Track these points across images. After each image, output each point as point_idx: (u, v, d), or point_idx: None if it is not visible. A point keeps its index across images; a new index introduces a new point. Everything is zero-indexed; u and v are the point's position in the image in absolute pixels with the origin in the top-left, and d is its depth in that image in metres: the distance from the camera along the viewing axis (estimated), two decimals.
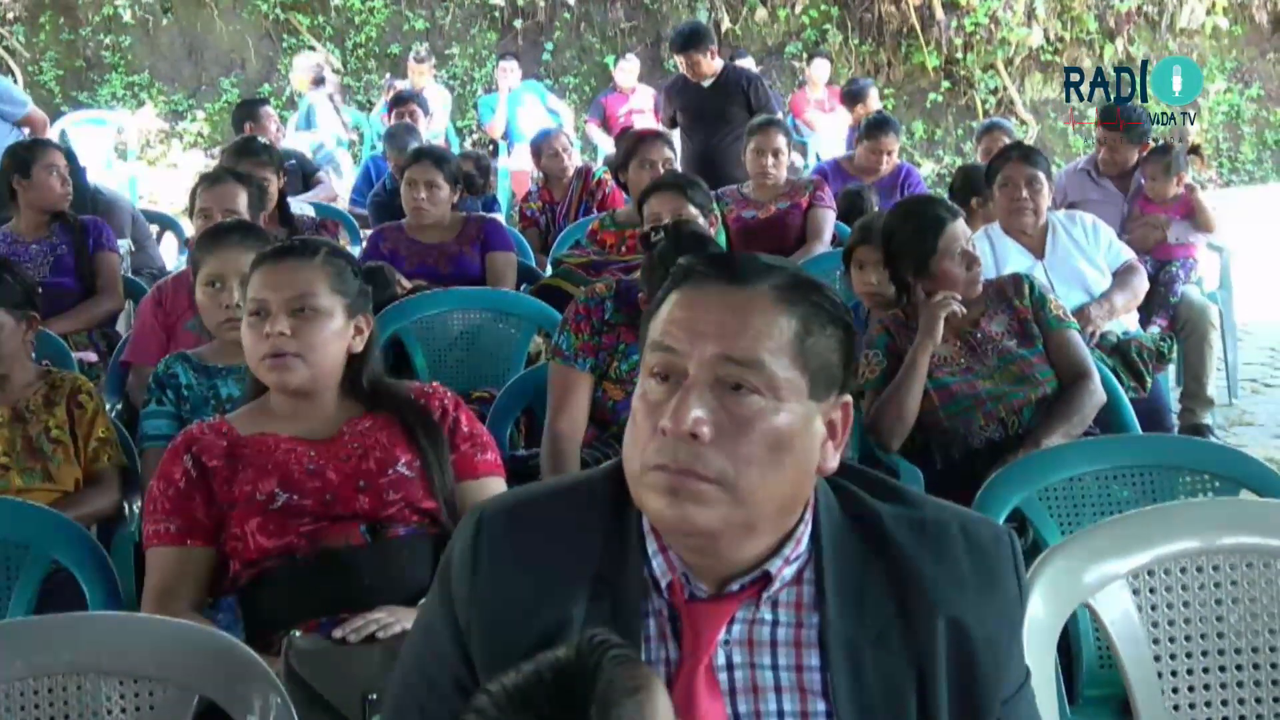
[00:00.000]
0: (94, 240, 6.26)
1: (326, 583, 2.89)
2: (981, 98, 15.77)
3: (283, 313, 3.03)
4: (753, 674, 1.74)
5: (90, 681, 2.18)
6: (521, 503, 1.89)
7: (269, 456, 2.99)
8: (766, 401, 1.67)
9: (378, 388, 3.19)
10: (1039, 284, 4.50)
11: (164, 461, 3.05)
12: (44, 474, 3.92)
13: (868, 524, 1.80)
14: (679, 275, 1.77)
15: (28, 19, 16.81)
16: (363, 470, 3.01)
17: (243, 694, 2.16)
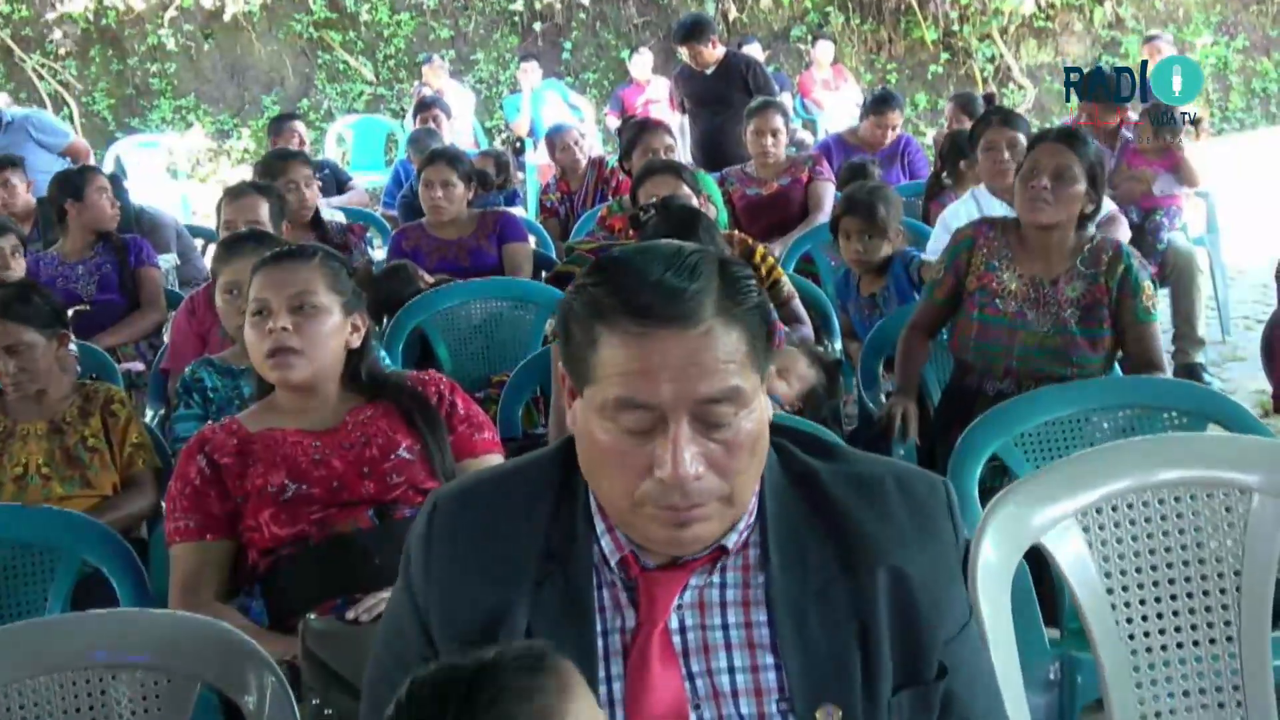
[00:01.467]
0: (135, 257, 6.29)
1: (339, 565, 2.89)
2: (980, 66, 15.66)
3: (284, 310, 3.03)
4: (704, 634, 1.73)
5: (97, 675, 2.18)
6: (472, 487, 1.88)
7: (277, 450, 2.99)
8: (741, 416, 1.64)
9: (376, 378, 3.18)
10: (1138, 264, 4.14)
11: (180, 462, 3.07)
12: (83, 481, 3.94)
13: (808, 482, 1.79)
14: (600, 309, 1.64)
15: (79, 53, 16.87)
16: (366, 457, 3.00)
17: (239, 677, 2.15)
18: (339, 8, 16.42)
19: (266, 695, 2.14)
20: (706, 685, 1.72)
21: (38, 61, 16.73)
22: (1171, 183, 6.92)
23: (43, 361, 4.02)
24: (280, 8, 16.47)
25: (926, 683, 1.74)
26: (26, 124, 8.78)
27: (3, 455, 3.95)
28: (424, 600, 1.78)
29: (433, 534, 1.80)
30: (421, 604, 1.78)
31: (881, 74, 15.69)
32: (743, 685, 1.72)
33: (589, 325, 1.65)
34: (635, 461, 1.64)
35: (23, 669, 2.15)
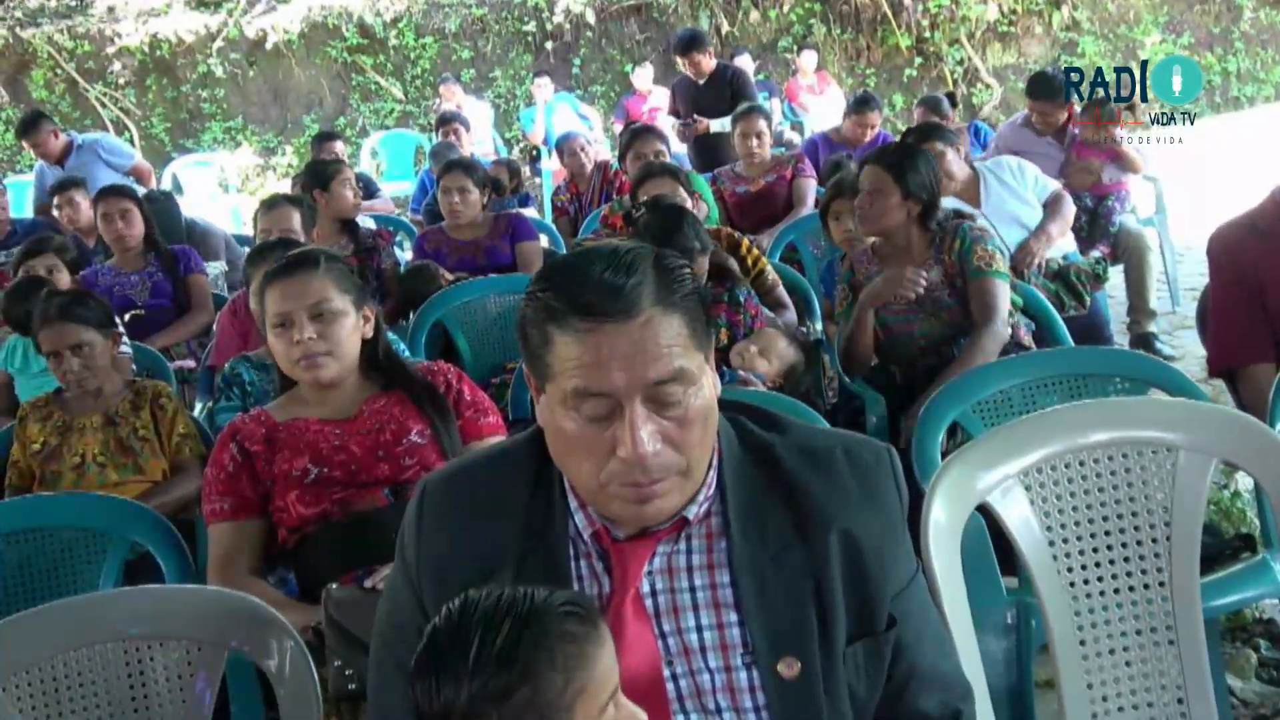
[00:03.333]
0: (184, 265, 6.29)
1: (359, 540, 2.87)
2: (950, 69, 15.59)
3: (305, 320, 3.01)
4: (673, 597, 1.73)
5: (136, 647, 2.17)
6: (457, 471, 1.89)
7: (301, 438, 2.99)
8: (688, 393, 1.63)
9: (392, 363, 3.18)
10: (972, 233, 4.31)
11: (215, 450, 3.06)
12: (135, 468, 3.95)
13: (762, 454, 1.78)
14: (549, 311, 1.64)
15: (137, 82, 16.90)
16: (381, 441, 3.00)
17: (263, 644, 2.15)
18: (370, 34, 16.40)
19: (287, 659, 2.14)
20: (678, 643, 1.72)
21: (100, 91, 16.75)
22: (1118, 171, 6.90)
23: (100, 359, 4.04)
24: (317, 35, 16.45)
25: (878, 633, 1.74)
26: (96, 147, 8.82)
27: (63, 447, 3.97)
28: (417, 576, 1.78)
29: (423, 515, 1.80)
30: (415, 579, 1.78)
31: (861, 78, 15.63)
32: (710, 641, 1.72)
33: (542, 327, 1.65)
34: (598, 446, 1.64)
35: (67, 642, 2.15)
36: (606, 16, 16.13)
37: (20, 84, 16.98)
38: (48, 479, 3.93)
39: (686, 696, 1.71)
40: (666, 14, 15.90)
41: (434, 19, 16.44)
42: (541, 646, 1.53)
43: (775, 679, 1.69)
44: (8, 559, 3.28)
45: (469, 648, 1.52)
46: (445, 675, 1.53)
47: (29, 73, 16.92)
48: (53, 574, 3.28)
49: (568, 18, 16.09)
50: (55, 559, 3.29)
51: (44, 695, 2.14)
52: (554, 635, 1.53)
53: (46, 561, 3.29)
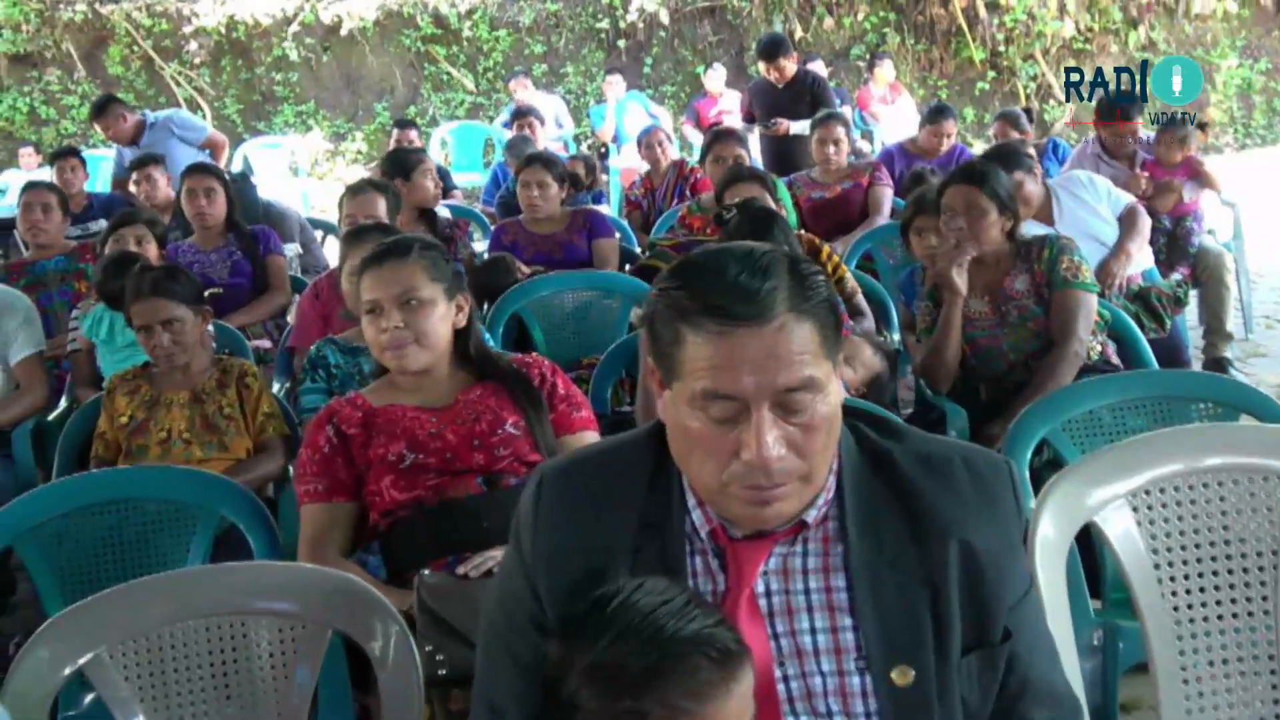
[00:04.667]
0: (263, 246, 6.32)
1: (451, 527, 2.91)
2: (1023, 84, 15.50)
3: (393, 308, 3.04)
4: (788, 598, 1.74)
5: (241, 621, 2.20)
6: (575, 462, 1.89)
7: (397, 424, 3.01)
8: (816, 400, 1.63)
9: (484, 357, 3.19)
10: (1060, 243, 4.33)
11: (310, 431, 3.09)
12: (220, 445, 3.98)
13: (881, 461, 1.78)
14: (682, 310, 1.64)
15: (212, 63, 17.02)
16: (476, 431, 3.01)
17: (367, 626, 2.17)
18: (444, 24, 16.45)
19: (390, 642, 2.16)
20: (790, 644, 1.72)
21: (175, 70, 16.88)
22: (1194, 189, 6.83)
23: (190, 335, 4.08)
24: (392, 24, 16.53)
25: (993, 645, 1.74)
26: (169, 123, 8.86)
27: (150, 421, 4.00)
28: (532, 564, 1.78)
29: (540, 505, 1.80)
30: (530, 570, 1.78)
31: (933, 90, 15.55)
32: (823, 645, 1.72)
33: (673, 325, 1.65)
34: (722, 446, 1.64)
35: (174, 614, 2.18)
36: (680, 17, 16.13)
37: (97, 59, 17.13)
38: (133, 452, 3.97)
39: (797, 698, 1.71)
40: (740, 17, 15.88)
41: (509, 12, 16.49)
42: (663, 675, 1.57)
43: (888, 686, 1.69)
44: (98, 529, 3.32)
45: (598, 640, 1.59)
46: (572, 651, 1.61)
47: (106, 49, 17.07)
48: (140, 546, 3.32)
49: (641, 16, 16.09)
50: (142, 531, 3.32)
51: (149, 665, 2.17)
52: (682, 671, 1.57)
53: (133, 533, 3.33)
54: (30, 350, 5.06)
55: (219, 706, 2.19)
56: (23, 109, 16.96)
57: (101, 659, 2.14)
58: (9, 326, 5.03)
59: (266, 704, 2.19)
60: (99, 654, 2.13)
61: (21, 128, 16.84)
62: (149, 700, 2.16)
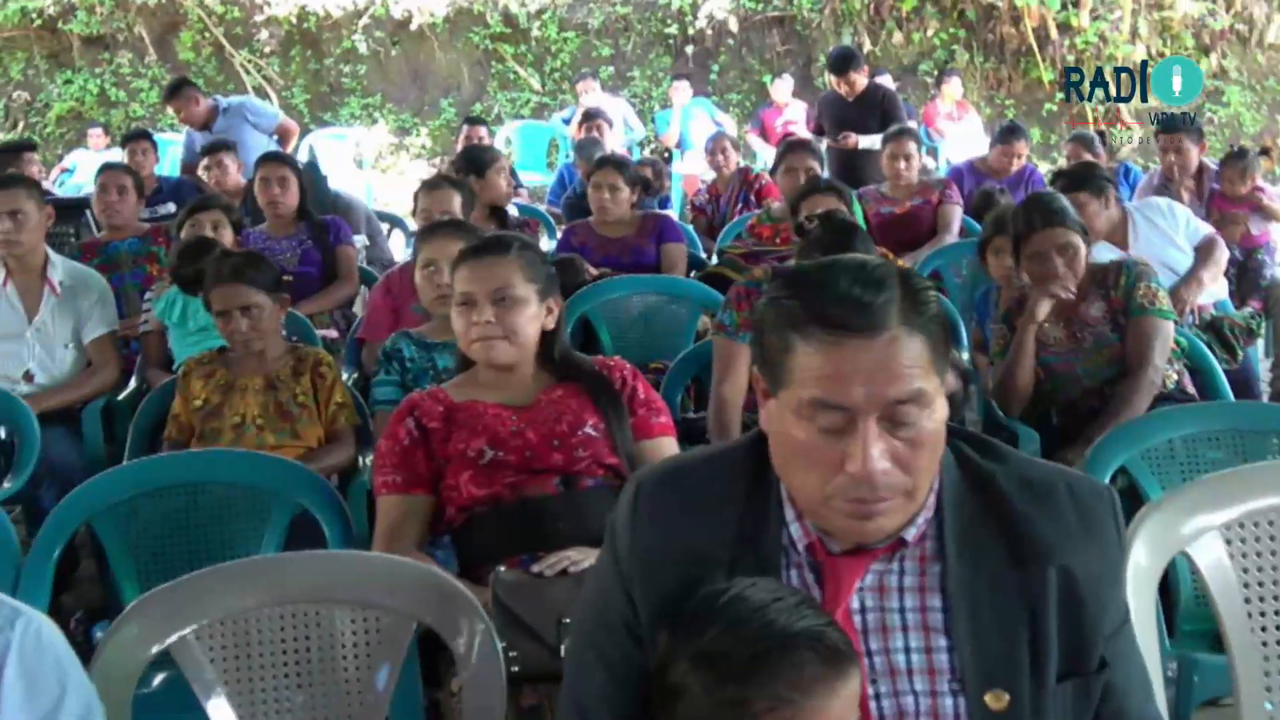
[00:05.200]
0: (334, 236, 6.35)
1: (527, 526, 2.91)
2: (1092, 107, 15.37)
3: (486, 303, 3.05)
4: (883, 616, 1.72)
5: (327, 609, 2.21)
6: (673, 470, 1.88)
7: (479, 420, 3.02)
8: (923, 415, 1.63)
9: (567, 360, 3.19)
10: (1137, 269, 4.31)
11: (390, 423, 3.10)
12: (292, 432, 4.00)
13: (983, 483, 1.76)
14: (794, 319, 1.64)
15: (282, 52, 17.10)
16: (557, 431, 3.01)
17: (453, 621, 2.17)
18: (513, 23, 16.48)
19: (475, 640, 2.16)
20: (884, 662, 1.71)
21: (245, 58, 16.98)
22: (1260, 221, 6.78)
23: (268, 322, 4.11)
24: (461, 20, 16.55)
25: (1089, 674, 1.73)
26: (242, 109, 8.93)
27: (224, 406, 4.03)
28: (628, 571, 1.77)
29: (638, 510, 1.79)
30: (626, 574, 1.77)
31: (999, 109, 15.44)
32: (917, 665, 1.71)
33: (783, 333, 1.65)
34: (827, 457, 1.63)
35: (265, 598, 2.19)
36: (749, 25, 16.08)
37: (168, 44, 17.25)
38: (206, 436, 3.99)
39: (889, 717, 1.70)
40: (809, 28, 15.82)
41: (578, 14, 16.50)
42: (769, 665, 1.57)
43: (982, 709, 1.68)
44: (169, 509, 3.34)
45: (708, 629, 1.59)
46: (680, 640, 1.63)
47: (178, 34, 17.18)
48: (210, 528, 3.34)
49: (710, 23, 16.06)
50: (214, 514, 3.35)
51: (235, 649, 2.18)
52: (788, 662, 1.57)
53: (205, 515, 3.35)
54: (104, 330, 5.12)
55: (300, 694, 2.20)
56: (93, 90, 17.10)
57: (188, 639, 2.15)
58: (85, 305, 5.08)
59: (348, 694, 2.20)
60: (186, 635, 2.14)
61: (91, 108, 16.99)
62: (232, 684, 2.17)
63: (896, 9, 15.57)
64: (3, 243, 4.96)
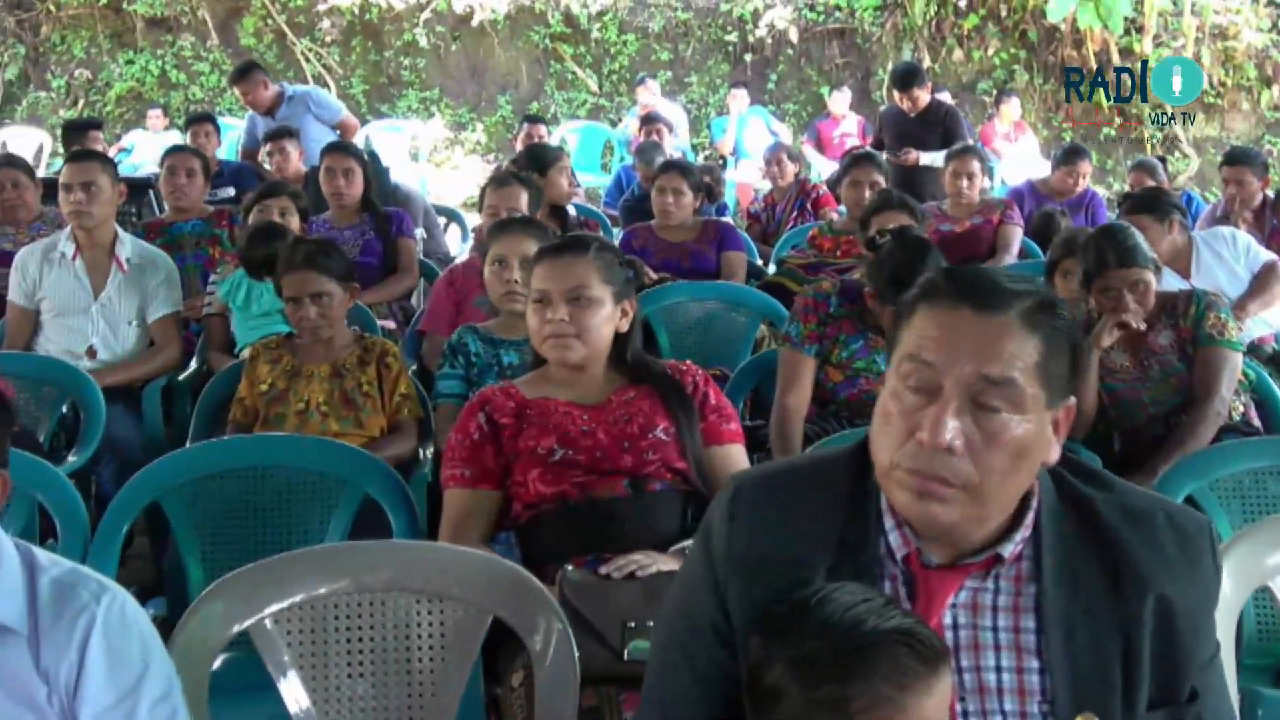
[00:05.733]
0: (396, 228, 6.39)
1: (593, 526, 2.91)
2: (1150, 134, 15.28)
3: (561, 301, 3.06)
4: (975, 634, 1.72)
5: (403, 599, 2.21)
6: (773, 474, 1.90)
7: (550, 417, 3.02)
8: (1012, 417, 1.63)
9: (640, 362, 3.19)
10: (1207, 299, 4.28)
11: (462, 417, 3.10)
12: (355, 421, 4.02)
13: (1082, 509, 1.76)
14: (929, 289, 1.71)
15: (342, 42, 17.16)
16: (627, 433, 3.01)
17: (530, 618, 2.18)
18: (574, 23, 16.48)
19: (553, 639, 2.16)
20: (974, 680, 1.71)
21: (306, 46, 17.04)
22: None
23: (338, 310, 4.13)
24: (522, 18, 16.58)
25: (1180, 704, 1.72)
26: (307, 99, 8.98)
27: (290, 391, 4.05)
28: (723, 574, 1.77)
29: (736, 513, 1.78)
30: (721, 577, 1.77)
31: (1057, 131, 15.34)
32: (1008, 684, 1.71)
33: (914, 303, 1.71)
34: (904, 423, 1.66)
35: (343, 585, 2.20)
36: (809, 36, 16.04)
37: (231, 29, 17.34)
38: (270, 420, 4.01)
39: None
40: (870, 41, 15.77)
41: (638, 17, 16.49)
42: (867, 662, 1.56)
43: None
44: (233, 492, 3.36)
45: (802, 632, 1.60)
46: (775, 644, 1.63)
47: (241, 19, 17.26)
48: (272, 513, 3.36)
49: (770, 33, 16.02)
50: (277, 499, 3.36)
51: (312, 634, 2.19)
52: (886, 658, 1.56)
53: (268, 500, 3.36)
54: (168, 310, 5.16)
55: (374, 681, 2.21)
56: (154, 71, 17.20)
57: (265, 622, 2.16)
58: (151, 284, 5.13)
59: (420, 686, 2.21)
60: (263, 617, 2.16)
61: (151, 90, 17.09)
62: (306, 668, 2.19)
63: (958, 27, 15.51)
64: (74, 213, 5.01)
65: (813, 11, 16.07)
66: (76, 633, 1.94)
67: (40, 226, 6.08)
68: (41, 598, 1.97)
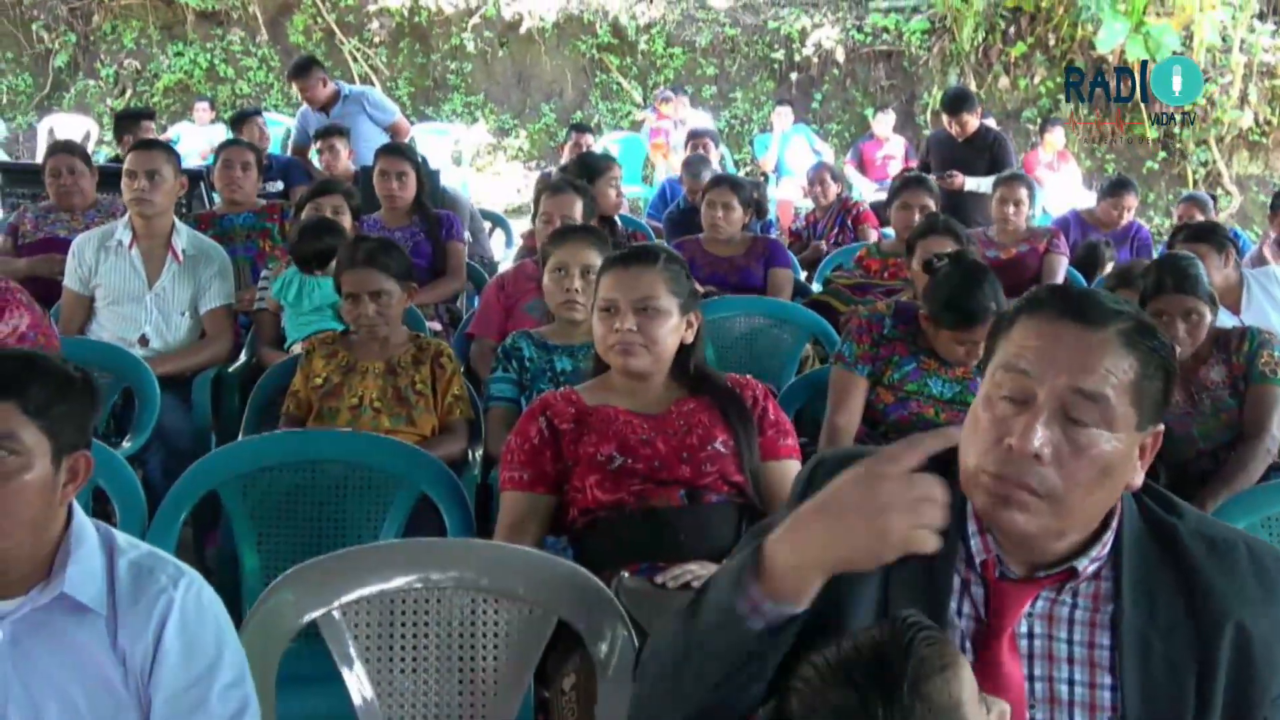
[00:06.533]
0: (446, 230, 6.41)
1: (648, 535, 2.92)
2: (1193, 169, 15.22)
3: (629, 311, 3.08)
4: (1050, 644, 1.75)
5: (470, 597, 2.23)
6: (855, 454, 1.87)
7: (610, 425, 3.03)
8: (1102, 433, 1.65)
9: (702, 374, 3.20)
10: (1261, 336, 4.28)
11: (522, 420, 3.12)
12: (408, 419, 4.04)
13: (1164, 534, 1.78)
14: (1031, 302, 1.74)
15: (390, 43, 17.24)
16: (686, 444, 3.02)
17: (597, 623, 2.19)
18: (621, 35, 16.53)
19: (617, 647, 2.18)
20: (1045, 689, 1.74)
21: (354, 46, 17.13)
22: None
23: (395, 309, 4.16)
24: (570, 28, 16.63)
25: None
26: (363, 98, 9.03)
27: (344, 386, 4.08)
28: None
29: (814, 487, 1.76)
30: None
31: (1100, 162, 15.31)
32: (1079, 697, 1.73)
33: (1016, 314, 1.75)
34: (994, 430, 1.68)
35: (412, 581, 2.22)
36: (855, 57, 16.06)
37: (280, 26, 17.43)
38: (324, 414, 4.04)
39: None
40: (916, 65, 15.77)
41: (686, 30, 16.53)
42: None
43: None
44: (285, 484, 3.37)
45: None
46: None
47: (290, 17, 17.36)
48: (324, 506, 3.37)
49: (817, 52, 16.04)
50: (329, 492, 3.38)
51: (379, 627, 2.22)
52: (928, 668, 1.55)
53: (320, 493, 3.38)
54: (220, 302, 5.20)
55: (437, 677, 2.23)
56: (203, 64, 17.31)
57: (334, 613, 2.18)
58: (205, 275, 5.16)
59: (483, 684, 2.23)
60: (332, 609, 2.18)
61: (199, 82, 17.20)
62: (371, 661, 2.21)
63: (1005, 54, 15.50)
64: (135, 200, 5.05)
65: (860, 32, 16.09)
66: (154, 616, 1.98)
67: (94, 214, 6.14)
68: (120, 580, 2.00)
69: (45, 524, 1.99)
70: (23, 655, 1.97)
